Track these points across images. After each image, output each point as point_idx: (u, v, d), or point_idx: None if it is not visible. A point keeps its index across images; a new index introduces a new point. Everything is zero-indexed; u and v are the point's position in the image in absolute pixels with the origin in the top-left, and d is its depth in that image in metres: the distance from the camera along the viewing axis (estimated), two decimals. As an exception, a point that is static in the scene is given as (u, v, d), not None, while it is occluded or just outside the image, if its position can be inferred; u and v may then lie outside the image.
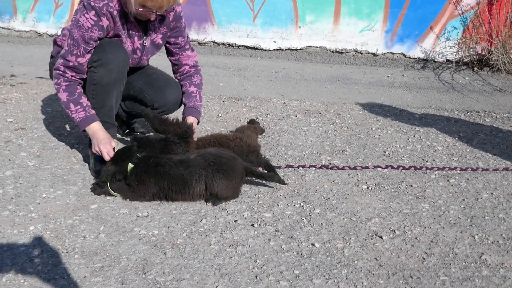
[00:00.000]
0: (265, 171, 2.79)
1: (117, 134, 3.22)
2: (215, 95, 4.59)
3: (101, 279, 1.93)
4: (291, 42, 6.45)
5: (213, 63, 5.94)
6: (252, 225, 2.36)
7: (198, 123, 3.07)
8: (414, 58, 6.20)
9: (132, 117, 3.37)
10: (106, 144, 2.66)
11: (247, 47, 6.53)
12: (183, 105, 3.10)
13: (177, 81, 3.15)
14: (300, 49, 6.43)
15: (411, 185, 2.88)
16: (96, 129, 2.70)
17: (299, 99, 4.60)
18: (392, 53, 6.26)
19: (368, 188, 2.82)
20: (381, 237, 2.31)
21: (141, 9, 2.61)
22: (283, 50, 6.48)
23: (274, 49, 6.48)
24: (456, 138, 3.69)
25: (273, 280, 1.96)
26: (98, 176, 2.79)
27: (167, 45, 3.06)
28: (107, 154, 2.64)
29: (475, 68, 5.77)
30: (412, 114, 4.32)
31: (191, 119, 3.00)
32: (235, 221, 2.39)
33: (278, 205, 2.56)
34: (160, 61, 3.87)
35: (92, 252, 2.09)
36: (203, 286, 1.91)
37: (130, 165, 2.54)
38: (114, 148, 2.68)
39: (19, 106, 4.09)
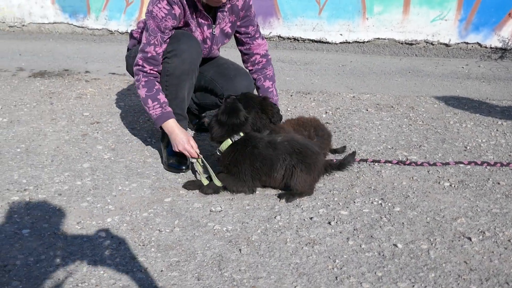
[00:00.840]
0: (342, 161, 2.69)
1: (188, 128, 3.20)
2: (283, 90, 4.48)
3: (178, 274, 1.88)
4: (358, 34, 6.22)
5: (279, 57, 5.84)
6: (329, 222, 2.23)
7: None
8: (491, 48, 5.78)
9: (202, 109, 3.33)
10: (185, 144, 2.65)
11: (312, 40, 6.37)
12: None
13: (248, 71, 3.08)
14: (367, 42, 6.19)
15: (499, 183, 2.63)
16: (172, 126, 2.68)
17: (369, 93, 4.40)
18: (467, 43, 5.87)
19: (450, 185, 2.61)
20: (469, 238, 2.11)
21: None
22: (349, 43, 6.26)
23: (340, 42, 6.28)
24: (546, 133, 3.36)
25: (354, 282, 1.83)
26: (170, 169, 2.78)
27: (237, 35, 2.99)
28: (190, 155, 2.66)
29: (562, 58, 5.29)
30: (492, 106, 4.00)
31: None
32: (311, 218, 2.27)
33: (354, 202, 2.42)
34: (229, 55, 3.81)
35: (168, 246, 2.06)
36: (281, 286, 1.81)
37: (228, 142, 2.50)
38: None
39: (94, 101, 4.19)
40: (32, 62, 5.78)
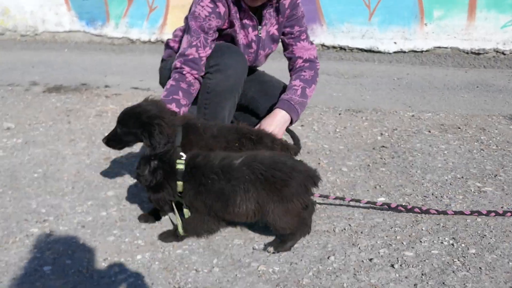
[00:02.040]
0: None
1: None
2: (329, 107, 4.50)
3: (219, 322, 1.90)
4: (415, 42, 6.22)
5: (323, 70, 5.85)
6: (392, 265, 2.21)
7: (291, 122, 2.89)
8: None
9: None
10: None
11: (361, 49, 6.41)
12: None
13: None
14: (426, 51, 6.18)
15: None
16: None
17: (431, 111, 4.37)
18: (546, 53, 5.79)
19: (534, 223, 2.56)
20: (562, 288, 2.06)
21: None
22: (405, 52, 6.27)
23: (394, 52, 6.29)
24: None
25: (425, 337, 1.81)
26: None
27: (282, 36, 3.02)
28: None
29: None
30: None
31: (277, 114, 2.81)
32: (370, 259, 2.26)
33: (421, 242, 2.40)
34: (273, 71, 3.86)
35: (207, 289, 2.09)
36: None
37: (180, 184, 2.36)
38: None
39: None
40: (46, 75, 6.01)
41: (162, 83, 3.10)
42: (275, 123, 2.82)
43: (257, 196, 2.24)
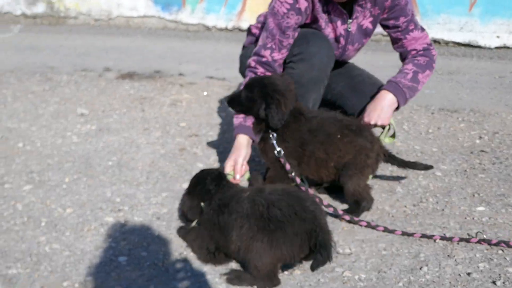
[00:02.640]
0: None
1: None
2: (421, 105, 4.41)
3: (301, 328, 1.92)
4: (521, 37, 5.98)
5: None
6: (493, 282, 2.15)
7: (397, 107, 2.82)
8: None
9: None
10: (229, 160, 2.71)
11: (458, 43, 6.23)
12: None
13: None
14: (534, 47, 5.92)
15: None
16: (240, 142, 2.74)
17: (539, 114, 4.19)
18: None
19: None
20: None
21: None
22: (509, 48, 6.03)
23: (496, 47, 6.07)
24: None
25: None
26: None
27: (387, 30, 2.96)
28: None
29: None
30: None
31: (382, 97, 2.78)
32: (468, 274, 2.20)
33: (527, 258, 2.31)
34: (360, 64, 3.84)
35: (287, 292, 2.11)
36: None
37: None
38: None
39: (191, 110, 4.42)
40: (120, 61, 6.26)
41: (242, 71, 3.15)
42: (380, 106, 2.79)
43: (248, 232, 2.12)
